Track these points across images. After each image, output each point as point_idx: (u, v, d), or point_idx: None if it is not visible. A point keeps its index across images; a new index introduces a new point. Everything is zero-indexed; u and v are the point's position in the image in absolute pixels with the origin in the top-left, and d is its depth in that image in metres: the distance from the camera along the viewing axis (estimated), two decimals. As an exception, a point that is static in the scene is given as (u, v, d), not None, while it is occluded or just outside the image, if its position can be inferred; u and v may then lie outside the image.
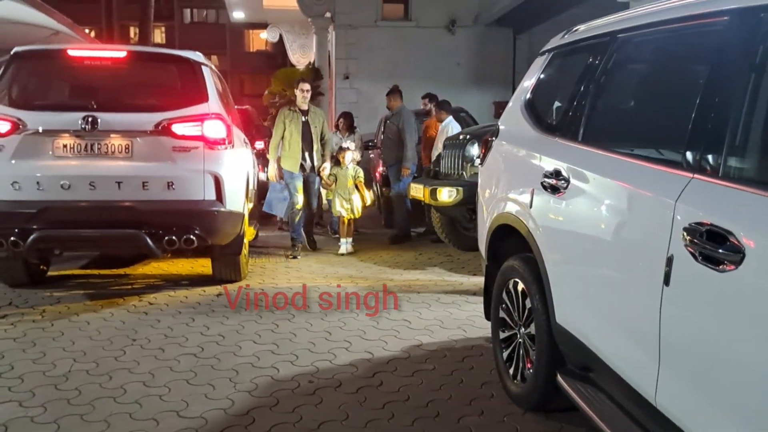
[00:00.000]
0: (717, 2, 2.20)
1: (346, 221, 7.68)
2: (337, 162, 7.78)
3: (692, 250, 1.94)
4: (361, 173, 7.86)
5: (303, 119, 7.41)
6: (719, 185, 1.97)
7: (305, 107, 7.49)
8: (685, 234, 1.98)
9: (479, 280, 5.97)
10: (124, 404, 3.31)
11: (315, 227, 8.50)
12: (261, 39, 30.75)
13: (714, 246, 1.86)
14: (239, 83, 33.73)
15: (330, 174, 7.63)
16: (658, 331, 2.10)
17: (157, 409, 3.25)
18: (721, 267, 1.84)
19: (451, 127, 8.32)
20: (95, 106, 4.92)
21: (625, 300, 2.38)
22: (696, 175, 2.06)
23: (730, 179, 1.96)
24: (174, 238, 4.90)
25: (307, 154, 7.42)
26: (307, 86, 7.60)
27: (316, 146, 7.46)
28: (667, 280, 2.06)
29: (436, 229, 7.77)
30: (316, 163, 7.51)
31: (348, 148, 7.83)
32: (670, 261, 2.05)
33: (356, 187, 7.73)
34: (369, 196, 7.97)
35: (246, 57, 38.25)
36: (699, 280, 1.92)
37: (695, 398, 1.98)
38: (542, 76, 3.61)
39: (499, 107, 12.14)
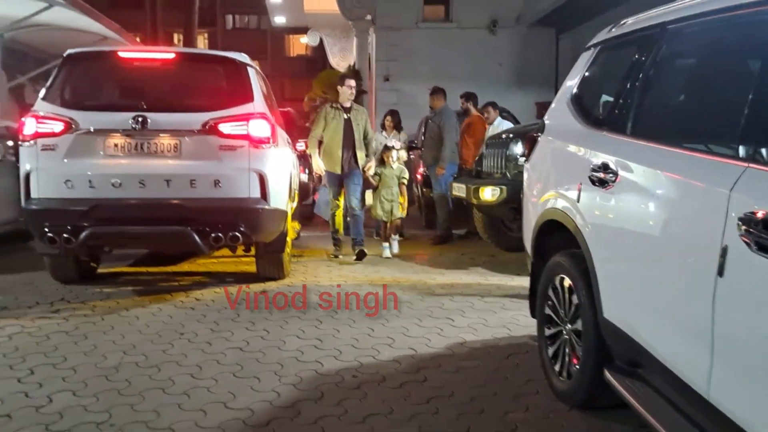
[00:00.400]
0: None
1: (389, 224, 7.54)
2: (381, 161, 7.60)
3: (747, 240, 1.91)
4: (406, 173, 7.68)
5: (345, 117, 7.19)
6: (776, 174, 1.93)
7: (348, 104, 7.28)
8: (740, 224, 1.94)
9: (523, 281, 5.94)
10: (172, 395, 3.38)
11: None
12: (301, 44, 31.06)
13: (771, 235, 1.82)
14: (280, 87, 34.06)
15: (375, 174, 7.46)
16: (711, 323, 2.05)
17: (205, 400, 3.31)
18: (778, 256, 1.80)
19: (501, 127, 8.31)
20: (145, 106, 5.04)
21: (677, 292, 2.34)
22: (751, 165, 2.02)
23: (787, 168, 1.92)
24: (220, 234, 4.99)
25: (347, 153, 7.20)
26: (353, 82, 7.41)
27: (358, 144, 7.23)
28: (721, 271, 2.02)
29: (479, 228, 7.73)
30: (359, 163, 7.27)
31: (394, 147, 7.64)
32: (724, 251, 2.01)
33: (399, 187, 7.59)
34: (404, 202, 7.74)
35: (286, 61, 38.69)
36: (754, 269, 1.88)
37: (751, 391, 1.93)
38: (589, 70, 3.57)
39: (542, 108, 12.02)
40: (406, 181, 7.63)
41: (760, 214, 1.88)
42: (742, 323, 1.96)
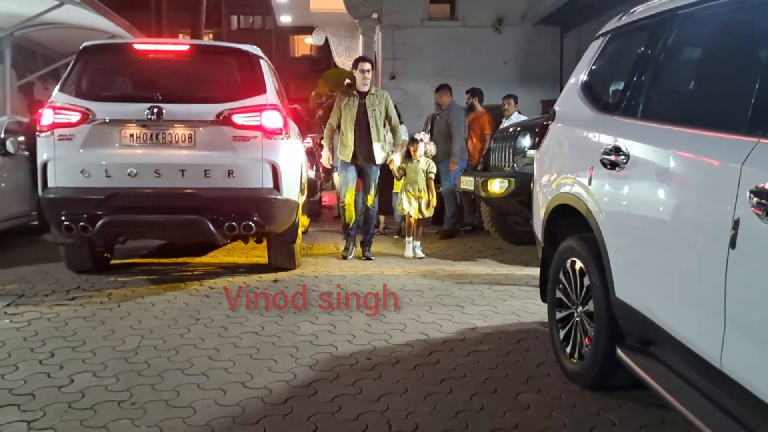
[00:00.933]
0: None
1: (413, 221, 6.99)
2: (408, 155, 7.02)
3: (759, 211, 1.97)
4: (434, 168, 7.12)
5: (360, 102, 6.63)
6: (787, 147, 2.00)
7: (365, 89, 6.67)
8: (751, 195, 2.01)
9: (531, 271, 6.02)
10: (191, 375, 3.45)
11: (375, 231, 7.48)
12: (306, 44, 31.18)
13: (782, 204, 1.89)
14: (285, 87, 34.12)
15: (399, 167, 7.03)
16: (723, 293, 2.12)
17: (224, 380, 3.38)
18: (789, 225, 1.87)
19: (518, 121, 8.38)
20: (160, 97, 5.12)
21: (690, 266, 2.41)
22: (762, 140, 2.08)
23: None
24: (234, 224, 5.06)
25: (361, 143, 6.63)
26: (367, 65, 6.72)
27: (375, 133, 6.60)
28: (733, 243, 2.09)
29: (485, 222, 7.80)
30: (377, 153, 6.65)
31: (421, 140, 7.05)
32: (736, 224, 2.07)
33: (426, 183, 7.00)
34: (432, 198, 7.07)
35: (291, 62, 38.76)
36: (766, 238, 1.95)
37: (761, 356, 2.00)
38: (599, 58, 3.64)
39: (547, 105, 12.07)
40: (433, 176, 7.07)
41: (771, 186, 1.94)
42: (753, 290, 2.03)
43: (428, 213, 7.06)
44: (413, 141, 7.04)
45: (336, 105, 6.81)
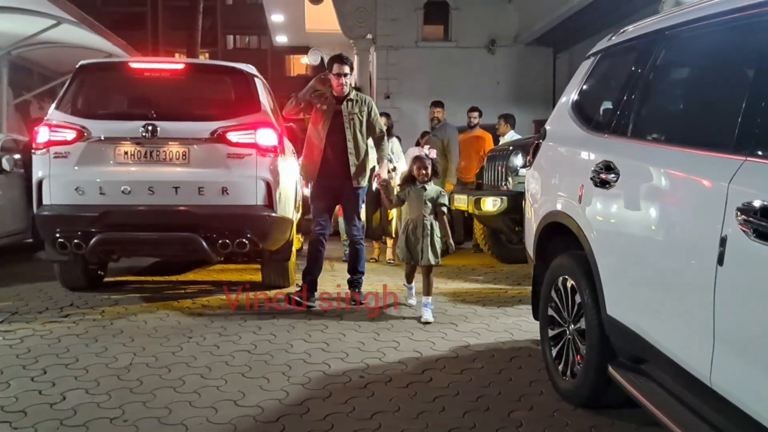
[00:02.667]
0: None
1: (422, 269, 5.11)
2: (411, 179, 5.21)
3: (745, 229, 2.00)
4: (445, 198, 5.30)
5: (336, 108, 5.36)
6: (772, 165, 2.03)
7: (343, 94, 5.37)
8: (738, 213, 2.03)
9: (523, 289, 6.04)
10: (183, 393, 3.44)
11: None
12: (301, 63, 31.32)
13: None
14: (280, 106, 34.32)
15: (402, 189, 5.33)
16: (712, 310, 2.14)
17: (215, 398, 3.37)
18: (775, 242, 1.89)
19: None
20: (155, 115, 5.14)
21: (679, 283, 2.43)
22: (749, 158, 2.12)
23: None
24: (227, 241, 5.07)
25: (335, 157, 5.34)
26: (345, 68, 5.31)
27: (352, 146, 5.33)
28: (720, 260, 2.11)
29: (479, 240, 7.82)
30: (355, 171, 5.37)
31: (426, 155, 5.23)
32: (723, 241, 2.10)
33: (434, 218, 5.15)
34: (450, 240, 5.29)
35: (287, 81, 38.97)
36: (753, 256, 1.98)
37: (749, 372, 2.01)
38: (590, 78, 3.69)
39: (540, 125, 12.14)
40: (446, 209, 5.25)
41: (757, 204, 1.97)
42: (741, 307, 2.05)
43: (434, 260, 5.11)
44: (418, 159, 5.21)
45: (295, 106, 5.49)
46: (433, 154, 5.34)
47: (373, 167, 5.88)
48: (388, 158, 5.80)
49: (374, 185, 5.84)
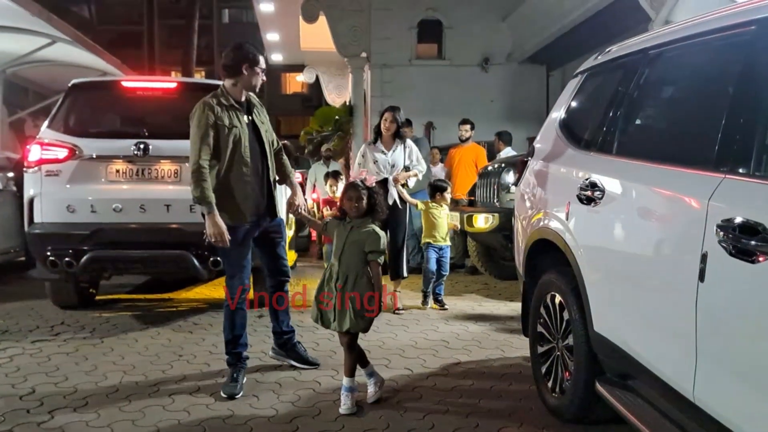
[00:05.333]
0: (738, 15, 2.33)
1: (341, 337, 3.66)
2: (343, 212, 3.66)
3: (725, 245, 2.02)
4: (380, 245, 3.54)
5: (246, 120, 4.09)
6: (750, 182, 2.06)
7: (243, 98, 4.12)
8: (718, 230, 2.06)
9: (516, 305, 6.02)
10: (172, 412, 3.43)
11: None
12: (297, 81, 31.53)
13: (746, 239, 1.94)
14: (276, 124, 34.46)
15: (327, 222, 3.86)
16: (694, 326, 2.16)
17: (204, 416, 3.37)
18: (753, 258, 1.92)
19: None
20: (146, 134, 5.17)
21: (662, 300, 2.45)
22: (728, 176, 2.15)
23: (759, 177, 2.05)
24: (218, 259, 5.06)
25: (258, 185, 4.09)
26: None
27: (271, 164, 4.16)
28: (702, 276, 2.13)
29: (472, 257, 7.83)
30: (280, 200, 4.65)
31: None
32: (704, 257, 2.12)
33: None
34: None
35: (282, 99, 39.16)
36: (732, 272, 2.00)
37: (731, 388, 2.03)
38: (576, 96, 3.73)
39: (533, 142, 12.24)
40: (381, 260, 3.60)
41: (736, 221, 2.00)
42: (721, 322, 2.07)
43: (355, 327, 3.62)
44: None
45: (203, 122, 4.07)
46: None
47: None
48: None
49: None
